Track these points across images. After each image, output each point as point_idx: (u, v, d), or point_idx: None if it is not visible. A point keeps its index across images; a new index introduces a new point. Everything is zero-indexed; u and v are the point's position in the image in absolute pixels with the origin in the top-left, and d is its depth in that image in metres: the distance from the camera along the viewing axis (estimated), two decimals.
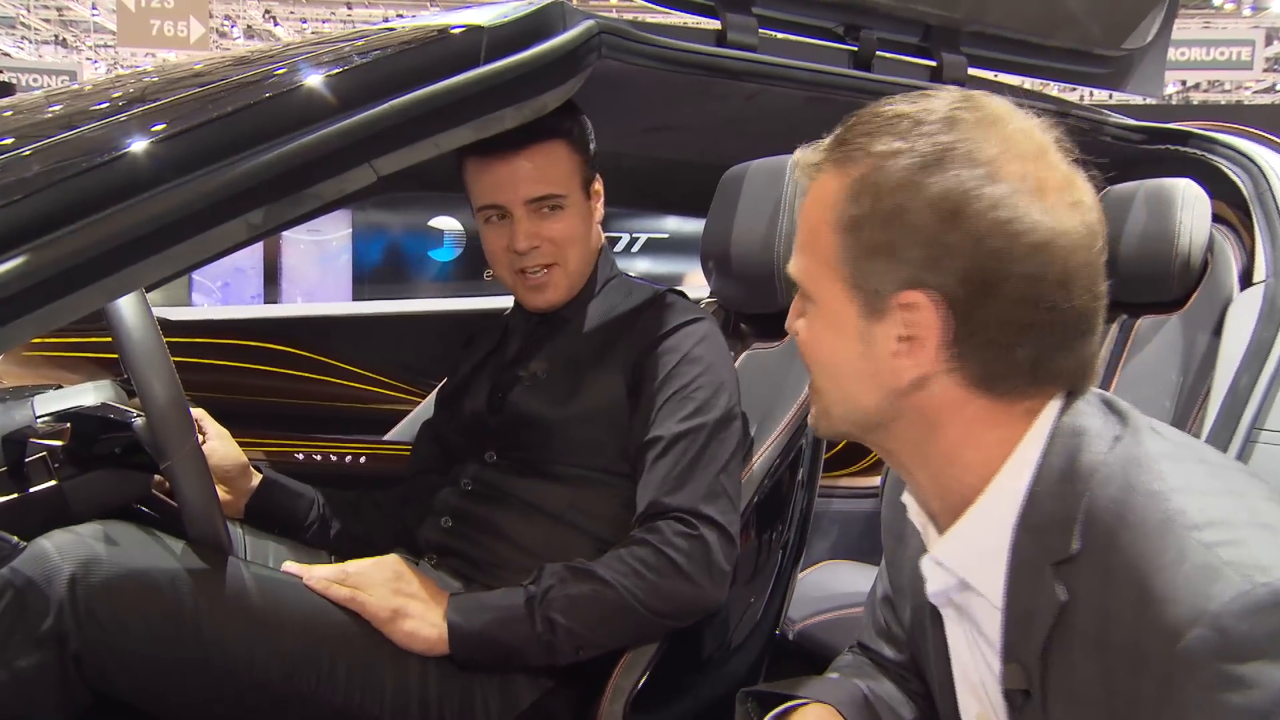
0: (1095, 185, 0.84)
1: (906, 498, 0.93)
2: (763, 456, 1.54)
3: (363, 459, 2.00)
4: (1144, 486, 0.75)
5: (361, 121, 1.10)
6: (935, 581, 0.88)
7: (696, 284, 1.98)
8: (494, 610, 1.32)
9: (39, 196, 0.91)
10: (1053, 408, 0.82)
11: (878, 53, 1.74)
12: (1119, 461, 0.78)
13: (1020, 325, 0.79)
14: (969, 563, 0.85)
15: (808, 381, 1.60)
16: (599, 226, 1.62)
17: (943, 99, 0.83)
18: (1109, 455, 0.78)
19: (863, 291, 0.82)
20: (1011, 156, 0.79)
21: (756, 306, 1.78)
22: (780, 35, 1.69)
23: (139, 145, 0.98)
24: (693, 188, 2.03)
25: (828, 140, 0.86)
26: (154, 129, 1.01)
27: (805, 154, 0.87)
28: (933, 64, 1.83)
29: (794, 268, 0.89)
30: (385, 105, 1.12)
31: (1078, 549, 0.76)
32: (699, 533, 1.35)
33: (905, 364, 0.82)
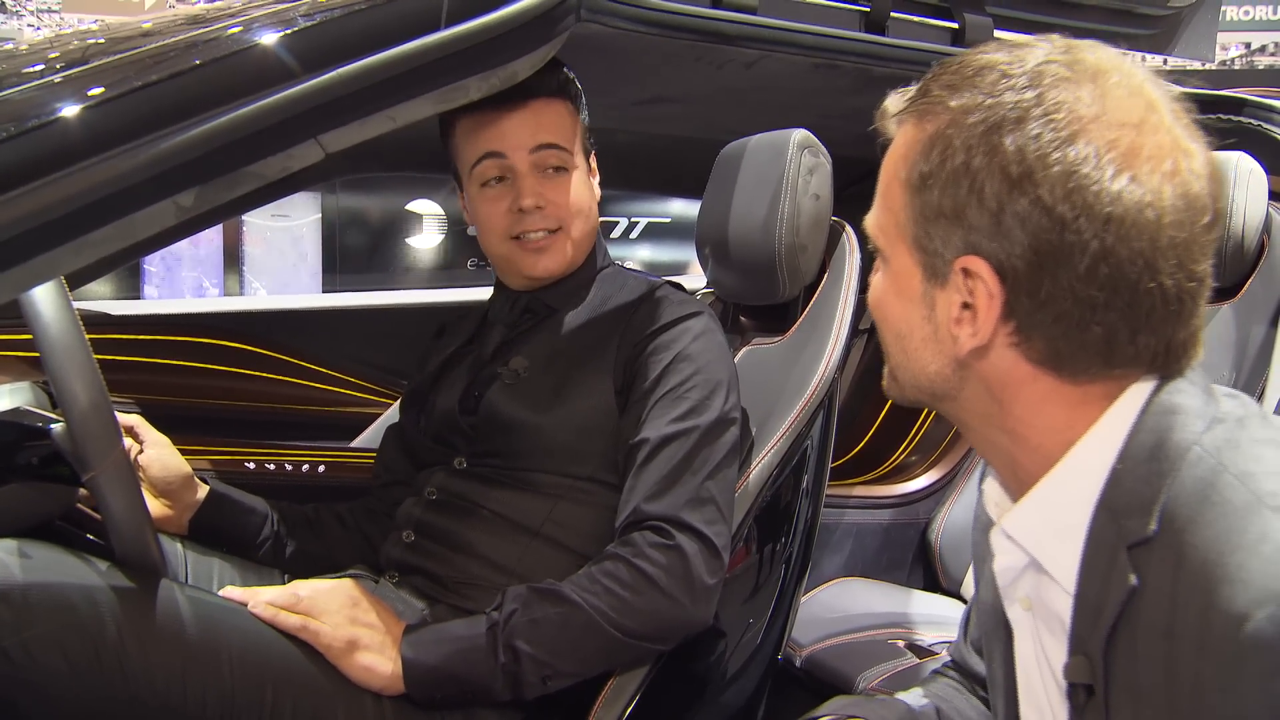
0: None
1: (988, 482, 0.94)
2: (762, 462, 1.53)
3: (321, 468, 1.99)
4: (1237, 468, 0.76)
5: (305, 91, 1.09)
6: (1004, 557, 0.89)
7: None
8: (452, 642, 1.31)
9: None
10: (1141, 388, 0.82)
11: (892, 13, 1.73)
12: (1215, 443, 0.78)
13: (1093, 304, 0.79)
14: (1042, 541, 0.85)
15: (813, 380, 1.62)
16: (596, 208, 1.61)
17: (1040, 50, 0.83)
18: (1205, 436, 0.78)
19: (926, 253, 0.85)
20: (1105, 118, 0.79)
21: (757, 298, 1.77)
22: None
23: (51, 117, 0.97)
24: (693, 166, 2.02)
25: (914, 88, 0.88)
26: (71, 99, 1.00)
27: (892, 101, 0.90)
28: (954, 26, 1.82)
29: (868, 222, 0.92)
30: (333, 73, 1.11)
31: (1154, 532, 0.76)
32: (675, 543, 1.34)
33: (964, 333, 0.84)
